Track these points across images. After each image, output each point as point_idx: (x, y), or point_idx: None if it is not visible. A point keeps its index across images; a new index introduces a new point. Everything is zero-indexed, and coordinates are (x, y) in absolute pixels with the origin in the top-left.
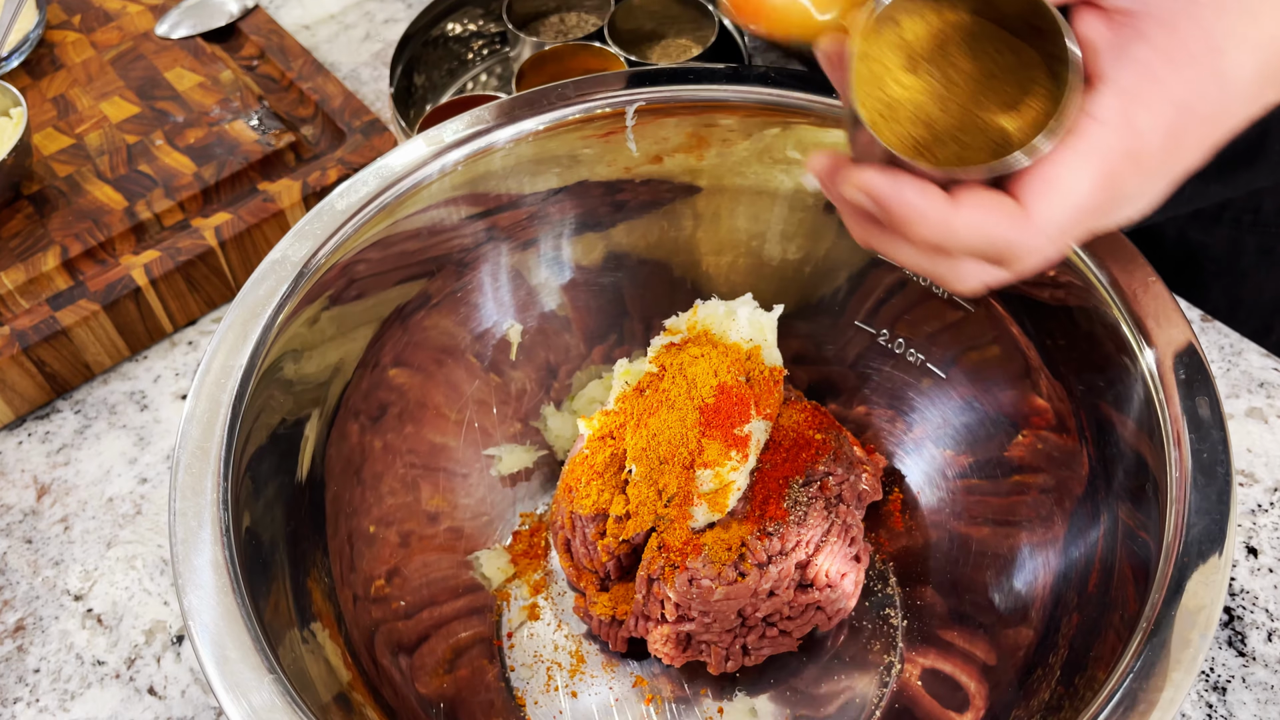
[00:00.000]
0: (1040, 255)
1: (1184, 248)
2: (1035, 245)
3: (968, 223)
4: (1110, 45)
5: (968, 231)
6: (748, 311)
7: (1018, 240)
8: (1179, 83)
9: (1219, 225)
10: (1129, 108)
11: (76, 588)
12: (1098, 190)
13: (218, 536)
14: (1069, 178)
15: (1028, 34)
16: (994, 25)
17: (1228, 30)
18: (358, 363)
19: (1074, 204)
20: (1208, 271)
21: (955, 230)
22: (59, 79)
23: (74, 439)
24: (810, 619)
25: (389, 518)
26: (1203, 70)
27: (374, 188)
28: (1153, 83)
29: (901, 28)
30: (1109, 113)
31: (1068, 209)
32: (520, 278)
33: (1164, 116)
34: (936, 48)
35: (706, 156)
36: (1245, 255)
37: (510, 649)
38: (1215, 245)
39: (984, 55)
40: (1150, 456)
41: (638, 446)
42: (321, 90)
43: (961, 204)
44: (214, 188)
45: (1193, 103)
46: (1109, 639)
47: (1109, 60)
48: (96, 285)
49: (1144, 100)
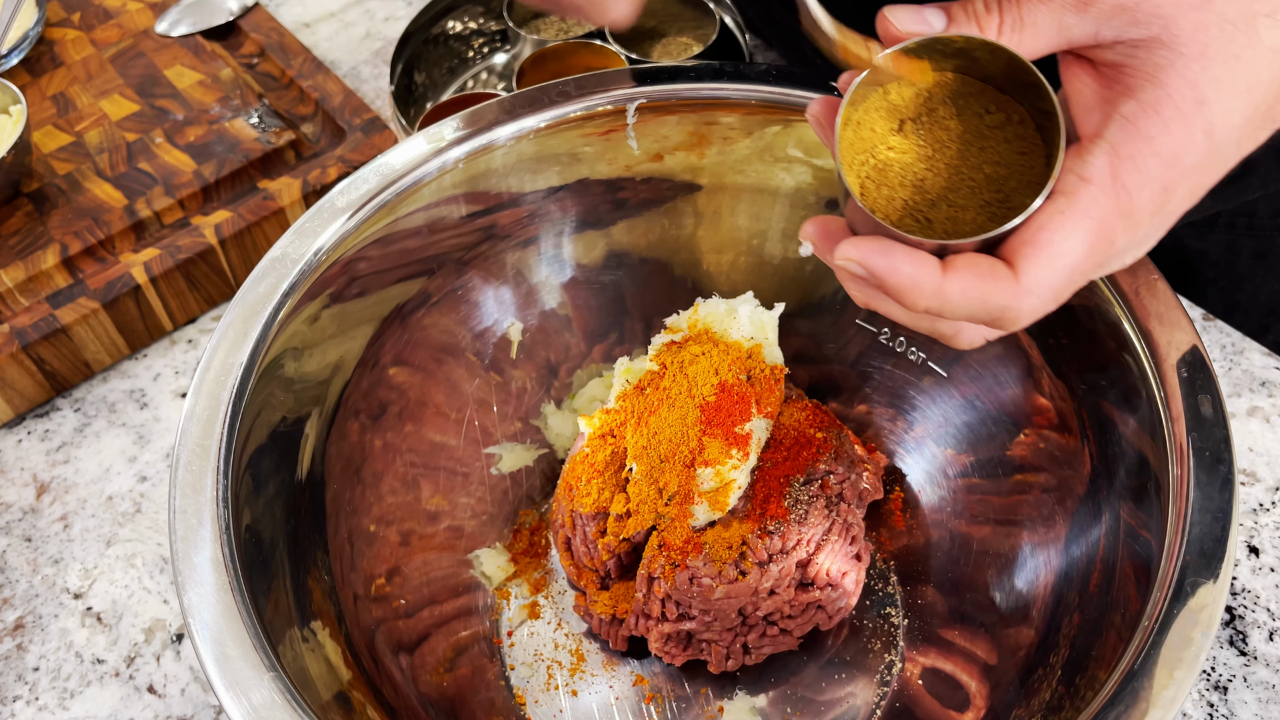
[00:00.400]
0: (1034, 316)
1: (1180, 253)
2: (1028, 308)
3: (961, 290)
4: (1098, 101)
5: (961, 299)
6: (749, 310)
7: (1011, 305)
8: (1167, 139)
9: (1214, 230)
10: (1119, 167)
11: (76, 586)
12: (1091, 251)
13: (218, 534)
14: (1061, 242)
15: (1014, 90)
16: (980, 83)
17: (1214, 79)
18: (358, 361)
19: (1066, 265)
20: (1204, 276)
21: (949, 298)
22: (58, 77)
23: (74, 437)
24: (811, 618)
25: (389, 516)
26: (1191, 124)
27: (374, 185)
28: (1141, 140)
29: (888, 91)
30: (1098, 173)
31: (1060, 271)
32: (521, 276)
33: (1154, 174)
34: (924, 109)
35: (707, 154)
36: (1241, 258)
37: (510, 648)
38: (1211, 250)
39: (971, 114)
40: (1152, 455)
41: (638, 445)
42: (322, 88)
43: (953, 272)
44: (214, 186)
45: (1182, 156)
46: (1110, 638)
47: (1097, 118)
48: (96, 283)
49: (1133, 158)
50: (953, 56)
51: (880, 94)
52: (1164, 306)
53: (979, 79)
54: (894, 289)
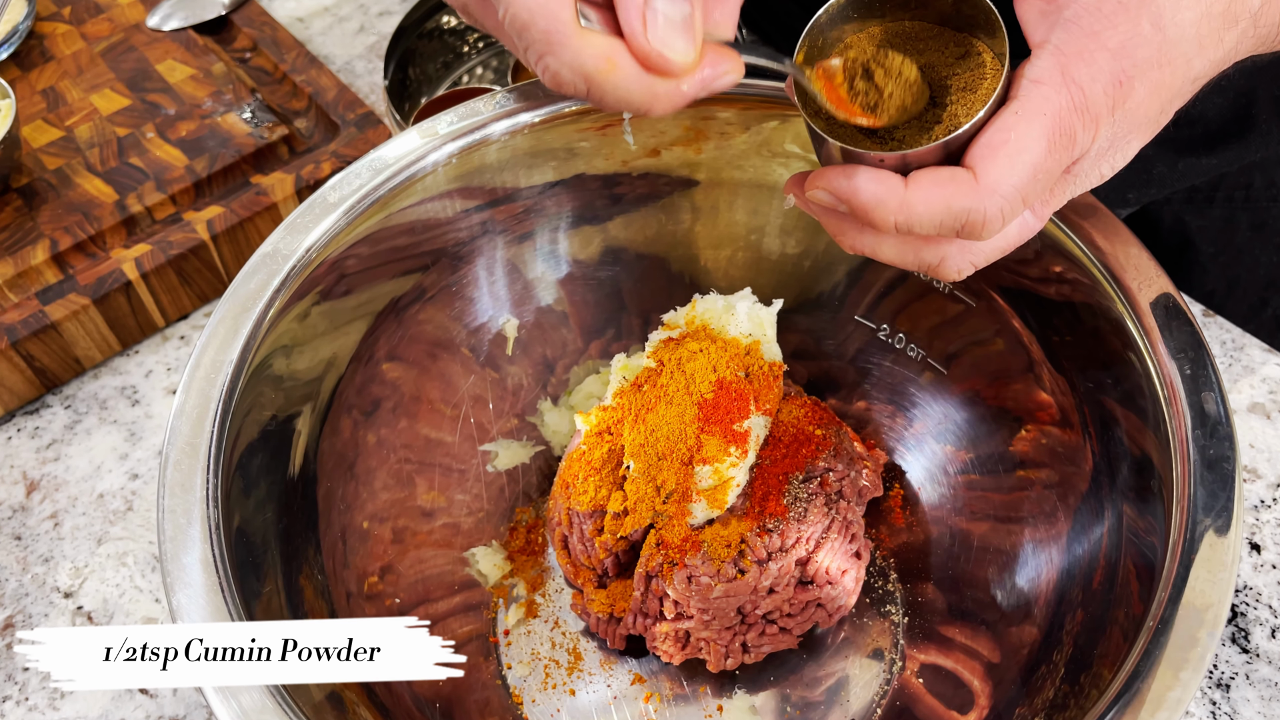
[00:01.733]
0: (1002, 219)
1: (1180, 232)
2: (993, 209)
3: (923, 199)
4: (1044, 15)
5: (925, 207)
6: (747, 306)
7: (975, 206)
8: (1113, 32)
9: (1212, 206)
10: (1066, 64)
11: (66, 585)
12: (1050, 148)
13: (207, 534)
14: (1016, 140)
15: (969, 27)
16: (936, 26)
17: None
18: (351, 356)
19: (1027, 163)
20: (1204, 253)
21: (914, 208)
22: (49, 71)
23: (64, 434)
24: (810, 616)
25: (383, 514)
26: (1136, 16)
27: (368, 180)
28: (1086, 37)
29: (846, 44)
30: (1046, 72)
31: (1020, 169)
32: (516, 271)
33: (1103, 66)
34: (881, 52)
35: (704, 150)
36: (1239, 232)
37: (507, 647)
38: (1210, 226)
39: (930, 52)
40: (1155, 452)
41: (636, 442)
42: (315, 83)
43: (914, 183)
44: (206, 181)
45: (1130, 49)
46: (1114, 636)
47: (1044, 28)
48: (87, 279)
49: (1080, 54)
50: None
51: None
52: (1167, 302)
53: (936, 23)
54: (860, 208)
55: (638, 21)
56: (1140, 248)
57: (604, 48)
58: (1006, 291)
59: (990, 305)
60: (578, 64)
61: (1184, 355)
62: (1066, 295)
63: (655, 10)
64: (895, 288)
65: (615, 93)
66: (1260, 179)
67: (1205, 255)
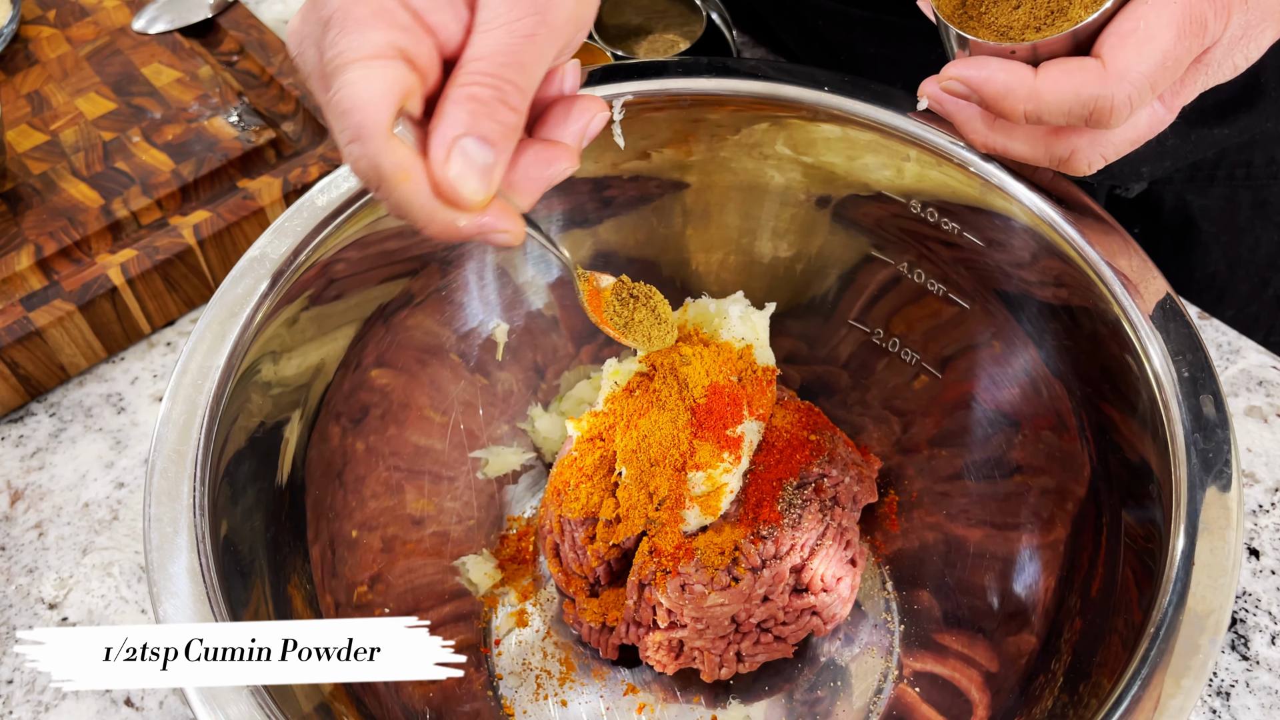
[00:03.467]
0: (1131, 105)
1: (1182, 211)
2: (1122, 95)
3: (1052, 86)
4: None
5: (1054, 95)
6: (739, 310)
7: (1103, 93)
8: None
9: (1214, 185)
10: None
11: (51, 595)
12: (1180, 35)
13: (194, 543)
14: (1146, 28)
15: None
16: None
17: None
18: (339, 363)
19: (1157, 50)
20: (1206, 233)
21: (1043, 95)
22: (33, 75)
23: (49, 442)
24: (805, 624)
25: (372, 522)
26: None
27: (356, 184)
28: None
29: None
30: None
31: (1149, 56)
32: (506, 276)
33: None
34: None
35: (695, 152)
36: (1241, 211)
37: (498, 657)
38: (1212, 205)
39: None
40: (1153, 456)
41: (628, 448)
42: (302, 86)
43: (1044, 71)
44: (193, 185)
45: None
46: (1114, 644)
47: None
48: (71, 285)
49: None
50: None
51: None
52: (1164, 306)
53: None
54: (991, 97)
55: (442, 151)
56: (1137, 249)
57: (404, 159)
58: (1002, 294)
59: (986, 308)
60: (376, 162)
61: (1181, 358)
62: (1063, 298)
63: (463, 149)
64: (888, 291)
65: (400, 201)
66: (1260, 156)
67: (1207, 235)
